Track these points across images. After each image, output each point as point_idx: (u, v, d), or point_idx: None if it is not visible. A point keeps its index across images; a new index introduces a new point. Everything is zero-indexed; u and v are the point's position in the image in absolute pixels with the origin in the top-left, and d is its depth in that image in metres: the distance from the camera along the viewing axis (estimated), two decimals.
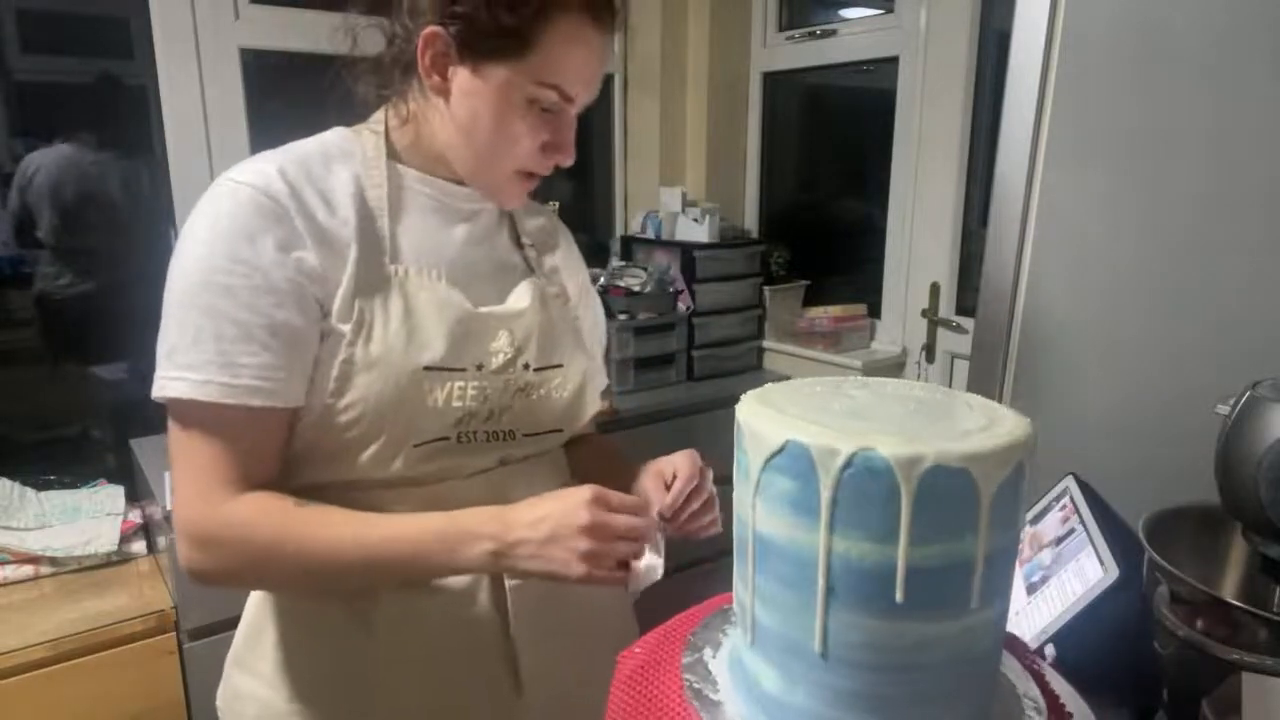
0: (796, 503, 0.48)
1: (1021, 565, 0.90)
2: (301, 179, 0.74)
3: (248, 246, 0.69)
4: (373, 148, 0.81)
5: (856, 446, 0.46)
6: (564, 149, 0.81)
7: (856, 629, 0.48)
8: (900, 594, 0.47)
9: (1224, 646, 0.58)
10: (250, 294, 0.69)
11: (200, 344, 0.69)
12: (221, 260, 0.69)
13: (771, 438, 0.49)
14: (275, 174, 0.73)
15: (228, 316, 0.69)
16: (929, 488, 0.45)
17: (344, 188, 0.77)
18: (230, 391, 0.69)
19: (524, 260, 0.91)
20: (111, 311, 2.06)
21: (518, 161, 0.80)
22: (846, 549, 0.47)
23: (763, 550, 0.51)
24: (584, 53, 0.76)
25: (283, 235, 0.71)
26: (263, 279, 0.70)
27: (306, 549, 0.71)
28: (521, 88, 0.75)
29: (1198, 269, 0.88)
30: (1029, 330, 1.05)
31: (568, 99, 0.77)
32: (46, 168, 2.03)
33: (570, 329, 0.91)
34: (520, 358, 0.83)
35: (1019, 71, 1.02)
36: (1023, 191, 1.02)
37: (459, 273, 0.82)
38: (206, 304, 0.69)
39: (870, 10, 2.41)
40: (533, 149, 0.79)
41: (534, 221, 0.96)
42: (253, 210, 0.70)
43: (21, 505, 1.63)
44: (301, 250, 0.72)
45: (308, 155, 0.78)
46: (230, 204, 0.71)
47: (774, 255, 2.62)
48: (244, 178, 0.72)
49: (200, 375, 0.69)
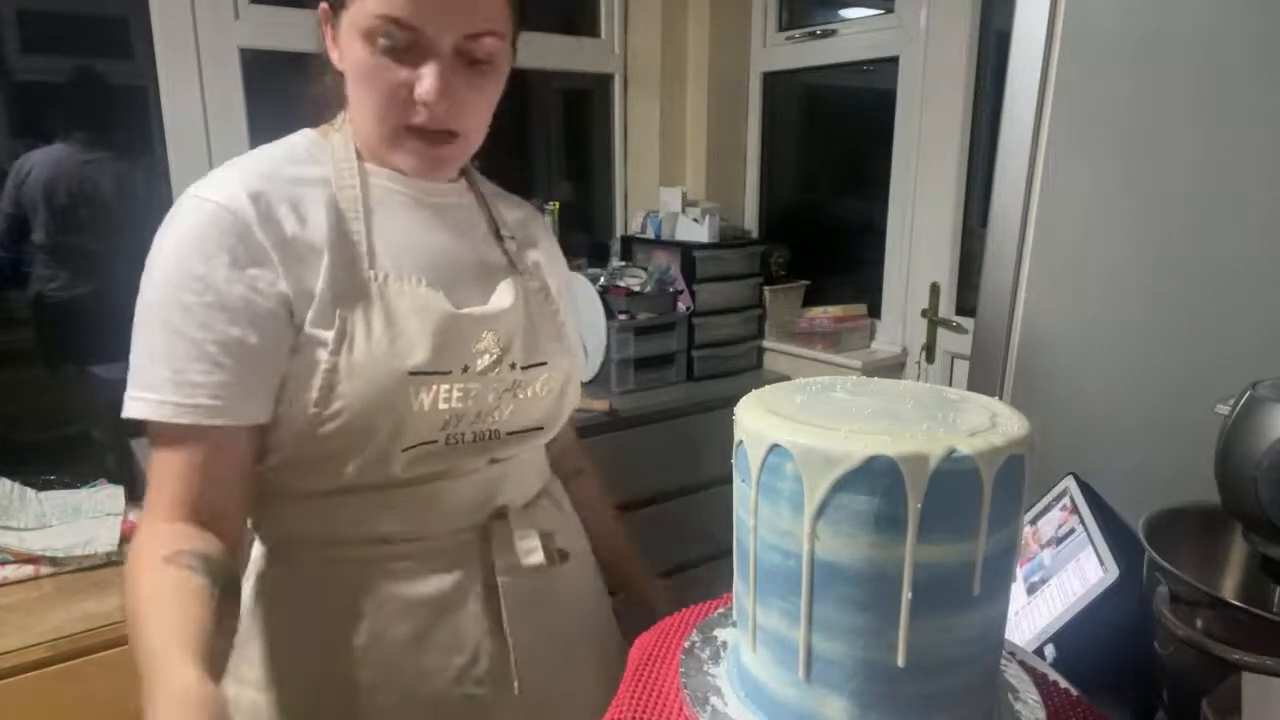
0: (881, 519, 0.47)
1: (1021, 565, 0.90)
2: (268, 190, 0.73)
3: (203, 264, 0.68)
4: (342, 148, 0.80)
5: (945, 449, 0.46)
6: (423, 86, 0.73)
7: (937, 631, 0.49)
8: (978, 586, 0.49)
9: (1224, 646, 0.58)
10: (204, 311, 0.69)
11: (156, 364, 0.69)
12: (178, 278, 0.69)
13: (843, 457, 0.46)
14: (239, 188, 0.71)
15: (182, 335, 0.68)
16: (1001, 477, 0.48)
17: (315, 194, 0.76)
18: (183, 411, 0.69)
19: (505, 255, 0.90)
20: (111, 311, 2.06)
21: (393, 114, 0.75)
22: (929, 554, 0.47)
23: (827, 577, 0.49)
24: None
25: (243, 251, 0.70)
26: (216, 296, 0.69)
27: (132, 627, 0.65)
28: (360, 25, 0.72)
29: (1198, 269, 0.88)
30: (1029, 330, 1.05)
31: (408, 28, 0.72)
32: (42, 167, 2.03)
33: (553, 326, 0.91)
34: (506, 358, 0.82)
35: (1019, 71, 1.02)
36: (1023, 191, 1.02)
37: (439, 273, 0.81)
38: (162, 322, 0.69)
39: (870, 10, 2.41)
40: (393, 94, 0.74)
41: (513, 214, 0.95)
42: (213, 227, 0.69)
43: (21, 505, 1.63)
44: (264, 265, 0.71)
45: (275, 163, 0.76)
46: (192, 220, 0.70)
47: (774, 255, 2.62)
48: (207, 192, 0.71)
49: (156, 395, 0.69)
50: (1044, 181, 1.01)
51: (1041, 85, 0.99)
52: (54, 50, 1.97)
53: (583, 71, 2.65)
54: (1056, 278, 1.01)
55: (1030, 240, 1.03)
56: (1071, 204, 0.99)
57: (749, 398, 0.56)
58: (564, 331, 0.93)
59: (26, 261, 2.10)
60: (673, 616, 0.69)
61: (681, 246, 2.46)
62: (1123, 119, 0.93)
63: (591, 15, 2.64)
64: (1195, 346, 0.89)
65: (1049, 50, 0.98)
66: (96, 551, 1.53)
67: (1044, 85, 0.99)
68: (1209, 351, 0.87)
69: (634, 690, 0.59)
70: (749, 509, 0.52)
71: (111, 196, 2.12)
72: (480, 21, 0.75)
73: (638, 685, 0.60)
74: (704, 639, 0.64)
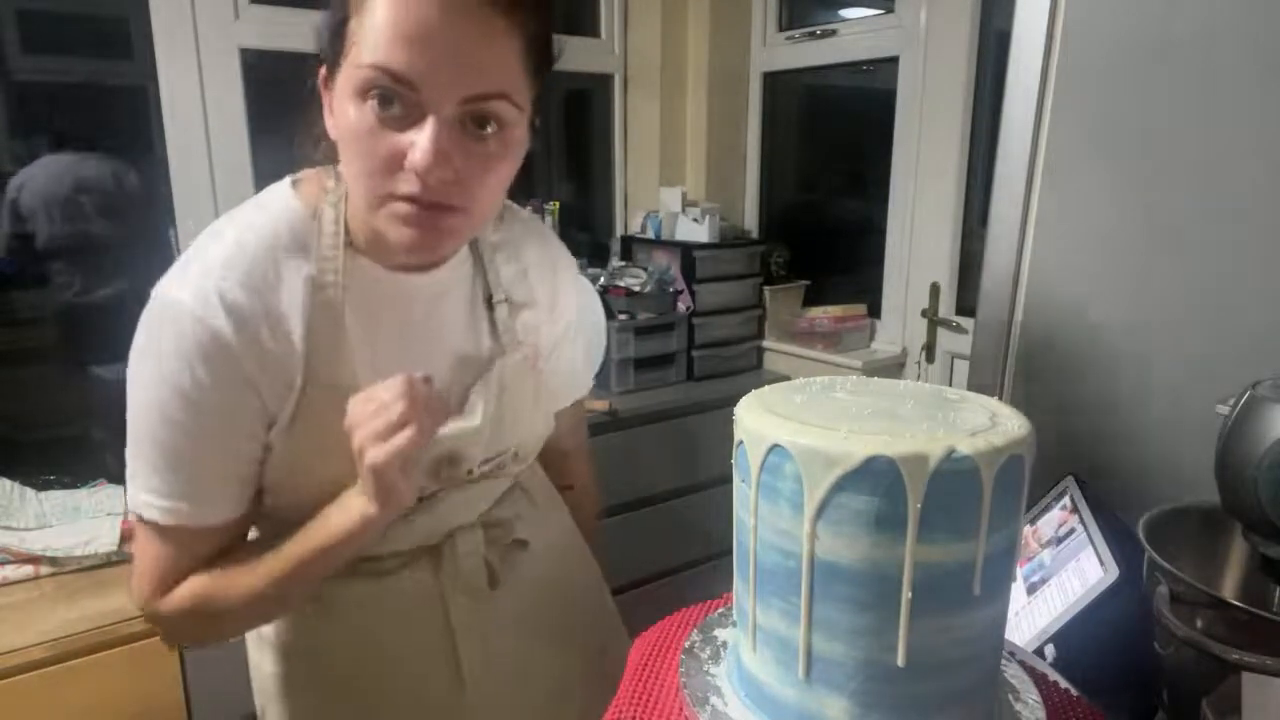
0: (881, 519, 0.47)
1: (1021, 565, 0.90)
2: (247, 301, 0.68)
3: (186, 377, 0.67)
4: (330, 234, 0.73)
5: (945, 449, 0.46)
6: (416, 153, 0.63)
7: (937, 631, 0.49)
8: (978, 586, 0.48)
9: (1224, 646, 0.58)
10: (190, 422, 0.68)
11: (146, 471, 0.70)
12: (160, 390, 0.68)
13: (843, 457, 0.47)
14: (216, 300, 0.67)
15: (167, 446, 0.69)
16: (1001, 477, 0.48)
17: (293, 298, 0.71)
18: (170, 514, 0.70)
19: (491, 331, 0.84)
20: (111, 311, 2.06)
21: (383, 182, 0.66)
22: (929, 554, 0.47)
23: (827, 578, 0.49)
24: (403, 16, 0.61)
25: (221, 364, 0.68)
26: (195, 411, 0.68)
27: (238, 601, 0.73)
28: (353, 81, 0.64)
29: (1198, 269, 0.88)
30: (1029, 330, 1.05)
31: (403, 83, 0.62)
32: (44, 166, 2.03)
33: (531, 396, 0.87)
34: (461, 466, 0.81)
35: (1019, 71, 1.02)
36: (1023, 191, 1.02)
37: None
38: (149, 433, 0.69)
39: (870, 10, 2.41)
40: (383, 161, 0.64)
41: (512, 268, 0.86)
42: (190, 339, 0.67)
43: (21, 505, 1.63)
44: (242, 377, 0.69)
45: (254, 258, 0.70)
46: (171, 332, 0.67)
47: (774, 255, 2.62)
48: (185, 298, 0.67)
49: (147, 497, 0.70)
50: (1044, 181, 1.01)
51: (1041, 85, 0.99)
52: (54, 50, 1.96)
53: (583, 71, 2.65)
54: (1056, 278, 1.01)
55: (1030, 240, 1.03)
56: (1071, 204, 0.99)
57: (749, 398, 0.56)
58: (540, 395, 0.89)
59: (28, 263, 2.10)
60: (673, 616, 0.69)
61: (681, 246, 2.46)
62: (1122, 119, 0.93)
63: (591, 15, 2.64)
64: (1195, 347, 0.89)
65: (1049, 50, 0.98)
66: (96, 551, 1.53)
67: (1044, 85, 0.99)
68: (1209, 351, 0.87)
69: (634, 690, 0.59)
70: (749, 509, 0.52)
71: (116, 196, 2.12)
72: (488, 82, 0.65)
73: (638, 685, 0.60)
74: (704, 639, 0.64)
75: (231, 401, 0.70)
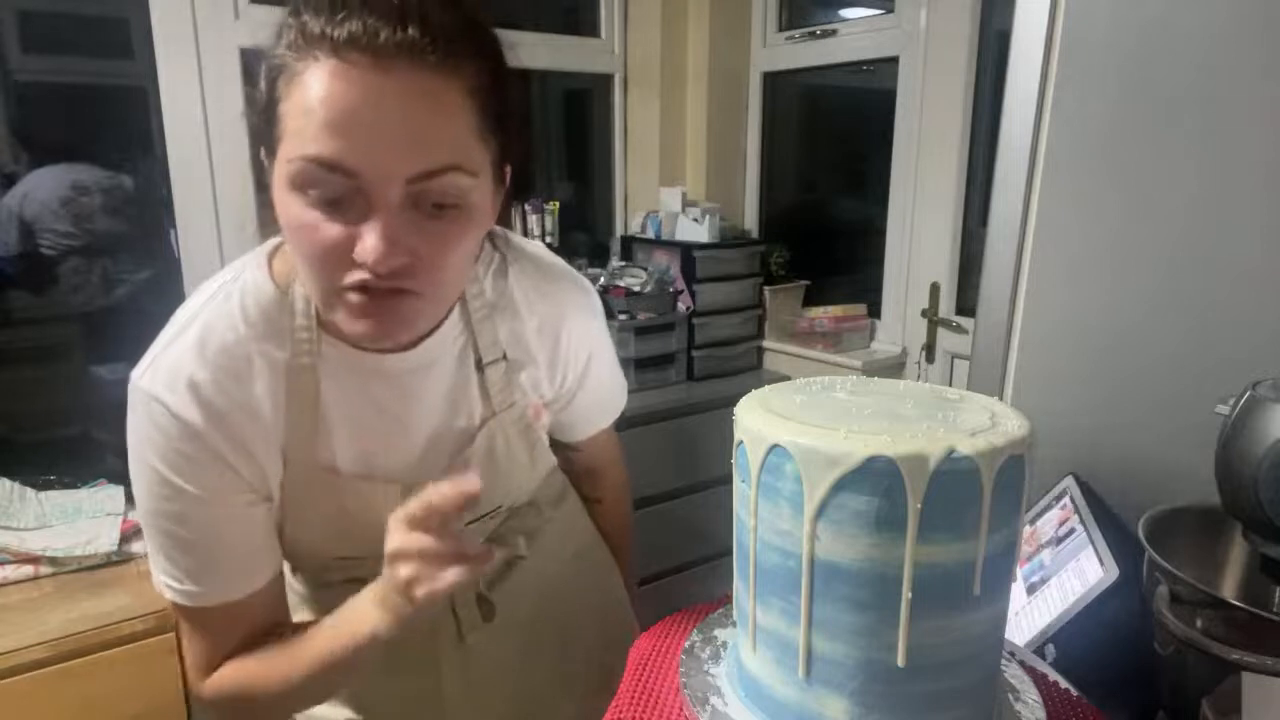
0: (881, 519, 0.47)
1: (1021, 565, 0.90)
2: (219, 394, 0.67)
3: (167, 466, 0.67)
4: (303, 314, 0.70)
5: (945, 449, 0.46)
6: (364, 246, 0.58)
7: (937, 631, 0.49)
8: (978, 586, 0.48)
9: (1224, 646, 0.58)
10: (182, 507, 0.68)
11: (158, 555, 0.71)
12: (150, 477, 0.68)
13: (843, 457, 0.46)
14: (188, 394, 0.66)
15: (168, 531, 0.69)
16: (1001, 477, 0.48)
17: (267, 385, 0.69)
18: (188, 596, 0.71)
19: (482, 394, 0.80)
20: (112, 311, 2.06)
21: (331, 275, 0.61)
22: (929, 554, 0.47)
23: (827, 578, 0.49)
24: (331, 98, 0.56)
25: (198, 452, 0.67)
26: (184, 497, 0.68)
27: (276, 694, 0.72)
28: (287, 173, 0.59)
29: (1197, 269, 0.88)
30: (1029, 330, 1.05)
31: (342, 171, 0.57)
32: (45, 166, 2.03)
33: (524, 453, 0.85)
34: None
35: (1019, 71, 1.02)
36: (1022, 191, 1.02)
37: (396, 462, 0.76)
38: (160, 528, 0.70)
39: (870, 10, 2.41)
40: (327, 254, 0.59)
41: (509, 327, 0.81)
42: (167, 432, 0.66)
43: (21, 505, 1.63)
44: (221, 462, 0.69)
45: (226, 351, 0.68)
46: (147, 423, 0.67)
47: (774, 255, 2.63)
48: (159, 391, 0.66)
49: (165, 579, 0.71)
50: (1044, 182, 1.01)
51: (1041, 85, 0.99)
52: (54, 50, 1.96)
53: (583, 71, 2.65)
54: (1056, 278, 1.01)
55: (1030, 240, 1.03)
56: (1071, 204, 0.99)
57: (749, 398, 0.56)
58: (537, 449, 0.87)
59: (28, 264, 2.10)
60: (673, 616, 0.69)
61: (681, 246, 2.46)
62: (1123, 119, 0.93)
63: (591, 15, 2.64)
64: (1195, 346, 0.89)
65: (1049, 50, 0.98)
66: (96, 551, 1.53)
67: (1044, 85, 0.99)
68: (1209, 351, 0.87)
69: (634, 690, 0.59)
70: (749, 509, 0.52)
71: (111, 198, 2.12)
72: (435, 157, 0.59)
73: (638, 685, 0.60)
74: (704, 639, 0.64)
75: (215, 484, 0.69)
